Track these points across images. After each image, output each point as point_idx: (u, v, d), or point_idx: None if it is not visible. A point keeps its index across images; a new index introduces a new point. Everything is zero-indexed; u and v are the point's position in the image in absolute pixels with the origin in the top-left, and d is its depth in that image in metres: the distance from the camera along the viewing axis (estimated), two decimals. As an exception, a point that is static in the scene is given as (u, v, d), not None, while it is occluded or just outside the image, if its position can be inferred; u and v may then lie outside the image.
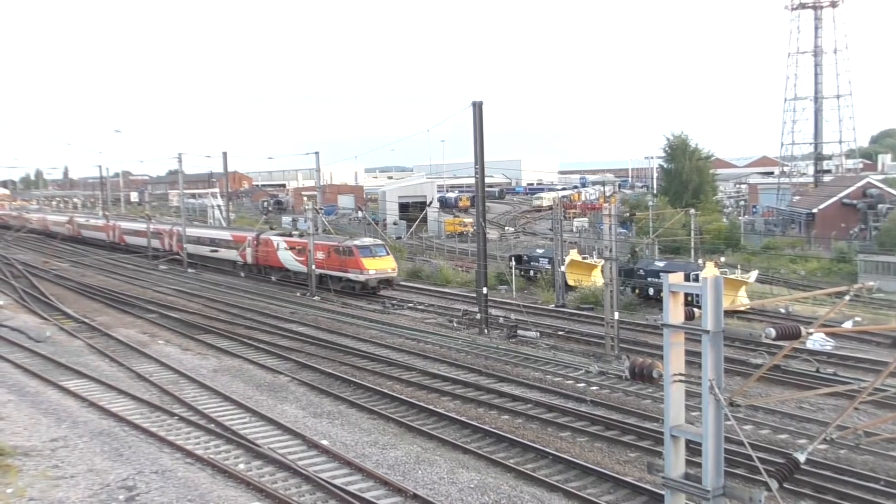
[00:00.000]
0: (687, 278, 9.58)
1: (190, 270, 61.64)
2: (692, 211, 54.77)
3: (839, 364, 28.40)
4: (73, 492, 17.56)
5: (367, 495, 17.16)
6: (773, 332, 8.36)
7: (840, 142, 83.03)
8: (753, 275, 42.39)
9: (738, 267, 43.55)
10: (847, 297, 9.46)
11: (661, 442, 17.05)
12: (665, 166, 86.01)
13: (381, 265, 47.30)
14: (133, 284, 53.77)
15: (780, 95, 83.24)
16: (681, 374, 8.80)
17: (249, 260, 57.25)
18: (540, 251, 52.60)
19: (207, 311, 42.28)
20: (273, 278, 54.84)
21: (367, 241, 50.72)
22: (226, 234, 62.21)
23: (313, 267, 48.89)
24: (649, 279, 40.82)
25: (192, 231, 66.99)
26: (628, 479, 18.19)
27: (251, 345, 33.56)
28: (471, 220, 74.58)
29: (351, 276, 47.48)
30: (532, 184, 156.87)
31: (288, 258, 53.08)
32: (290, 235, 55.16)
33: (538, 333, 34.39)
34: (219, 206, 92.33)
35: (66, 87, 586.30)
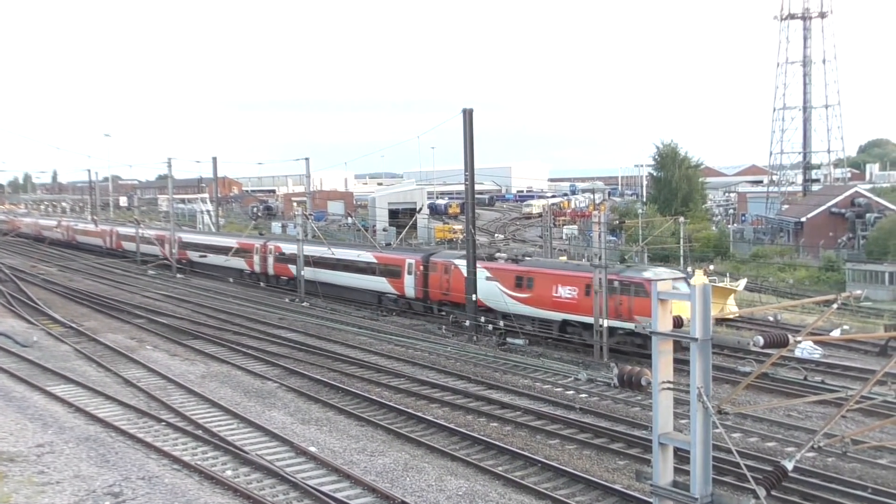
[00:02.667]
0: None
1: (179, 276, 61.39)
2: (681, 219, 54.94)
3: (827, 372, 28.52)
4: (58, 498, 17.44)
5: (354, 502, 17.12)
6: (761, 340, 8.40)
7: (828, 151, 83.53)
8: (742, 283, 42.55)
9: (727, 275, 43.68)
10: (835, 306, 9.49)
11: (649, 450, 17.09)
12: (655, 174, 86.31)
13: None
14: (121, 289, 53.50)
15: (769, 105, 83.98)
16: (669, 382, 8.82)
17: (410, 293, 41.74)
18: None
19: (196, 317, 42.13)
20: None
21: (664, 271, 33.35)
22: (364, 256, 46.00)
23: (303, 273, 48.76)
24: None
25: (303, 248, 50.36)
26: (617, 486, 18.19)
27: (239, 350, 33.43)
28: (460, 226, 74.66)
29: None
30: (522, 191, 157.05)
31: (494, 293, 36.09)
32: (494, 259, 39.05)
33: (526, 340, 34.40)
34: (208, 211, 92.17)
35: (55, 90, 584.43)
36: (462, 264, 37.61)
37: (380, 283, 43.87)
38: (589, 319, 31.47)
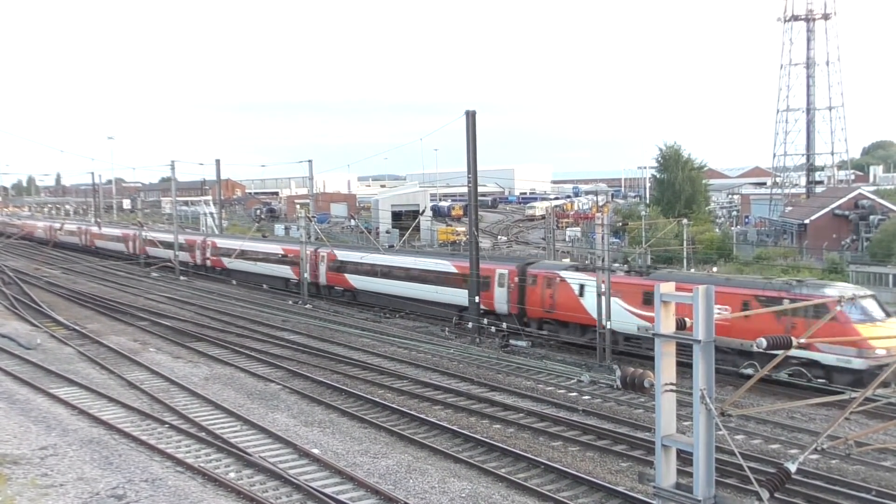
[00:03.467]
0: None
1: (182, 278, 61.43)
2: (685, 221, 54.85)
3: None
4: (62, 500, 17.45)
5: (358, 504, 17.11)
6: (764, 342, 8.40)
7: (832, 153, 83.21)
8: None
9: None
10: (838, 308, 9.48)
11: (652, 452, 17.07)
12: (658, 176, 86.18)
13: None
14: (124, 292, 53.57)
15: (772, 107, 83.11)
16: (672, 384, 8.81)
17: (502, 308, 36.98)
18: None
19: (199, 319, 42.16)
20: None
21: (847, 288, 28.08)
22: (440, 264, 41.57)
23: (306, 275, 48.78)
24: None
25: (379, 259, 45.69)
26: (620, 488, 18.16)
27: (243, 353, 33.46)
28: (463, 228, 74.61)
29: (830, 358, 25.12)
30: (525, 193, 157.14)
31: (613, 311, 30.53)
32: (611, 271, 31.65)
33: (529, 342, 34.39)
34: (211, 213, 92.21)
35: (59, 93, 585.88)
36: (570, 276, 33.41)
37: (461, 297, 38.55)
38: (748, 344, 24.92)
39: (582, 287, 33.02)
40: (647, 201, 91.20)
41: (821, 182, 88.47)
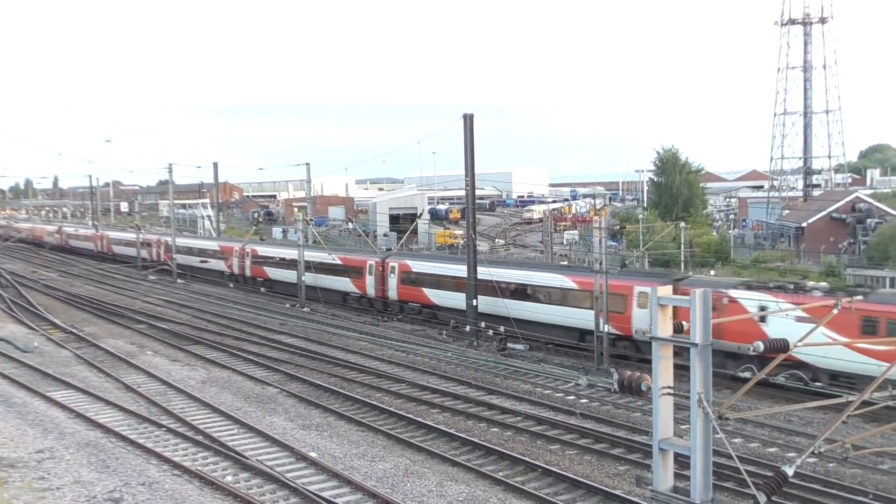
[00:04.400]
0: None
1: (179, 281, 61.35)
2: (682, 224, 54.90)
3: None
4: (59, 503, 17.42)
5: (355, 508, 17.08)
6: (761, 345, 8.41)
7: (829, 156, 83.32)
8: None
9: None
10: (835, 311, 9.51)
11: (650, 455, 17.07)
12: (655, 180, 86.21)
13: None
14: (122, 295, 53.50)
15: (769, 110, 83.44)
16: (669, 388, 8.82)
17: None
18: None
19: (196, 322, 42.11)
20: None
21: None
22: (557, 279, 34.98)
23: (303, 279, 48.72)
24: None
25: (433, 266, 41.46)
26: (617, 492, 18.16)
27: (240, 356, 33.42)
28: (461, 231, 74.62)
29: None
30: (523, 196, 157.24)
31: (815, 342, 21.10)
32: (805, 290, 26.40)
33: (527, 346, 34.38)
34: (209, 216, 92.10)
35: (56, 96, 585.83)
36: (745, 297, 26.96)
37: (586, 318, 32.15)
38: None
39: (763, 310, 26.55)
40: (645, 204, 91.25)
41: (818, 185, 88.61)
